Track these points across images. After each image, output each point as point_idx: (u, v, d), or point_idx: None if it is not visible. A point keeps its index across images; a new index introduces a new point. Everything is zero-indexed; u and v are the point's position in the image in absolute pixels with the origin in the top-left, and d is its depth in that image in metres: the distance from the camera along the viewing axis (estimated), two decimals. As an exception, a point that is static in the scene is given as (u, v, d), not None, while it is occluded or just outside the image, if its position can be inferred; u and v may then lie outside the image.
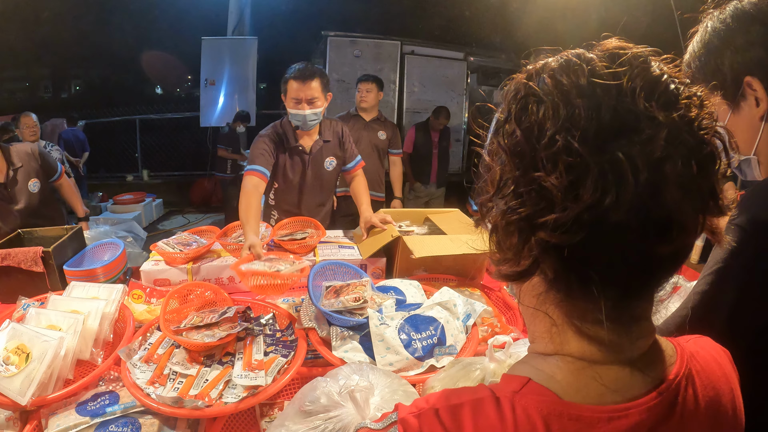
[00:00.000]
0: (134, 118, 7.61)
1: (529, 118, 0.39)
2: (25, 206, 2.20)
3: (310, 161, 2.08)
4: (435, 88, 5.17)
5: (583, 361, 0.42)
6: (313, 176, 2.11)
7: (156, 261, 1.67)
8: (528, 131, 0.39)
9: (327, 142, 2.10)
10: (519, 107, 0.41)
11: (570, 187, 0.36)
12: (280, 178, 2.10)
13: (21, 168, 2.19)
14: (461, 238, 1.63)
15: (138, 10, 8.83)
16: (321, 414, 0.80)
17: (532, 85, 0.41)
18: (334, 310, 1.20)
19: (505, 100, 0.43)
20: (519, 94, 0.41)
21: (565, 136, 0.36)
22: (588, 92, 0.38)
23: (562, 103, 0.38)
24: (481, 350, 1.17)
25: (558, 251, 0.38)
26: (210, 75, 6.76)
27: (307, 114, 1.90)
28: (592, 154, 0.36)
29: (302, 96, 1.87)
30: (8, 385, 0.97)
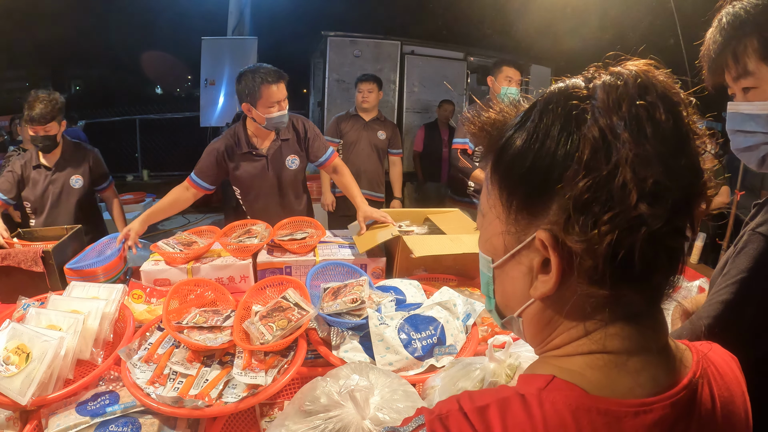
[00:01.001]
0: (134, 118, 7.61)
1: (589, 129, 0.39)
2: (63, 198, 2.27)
3: (269, 163, 2.04)
4: (435, 88, 5.17)
5: (612, 355, 0.42)
6: (275, 177, 2.07)
7: (156, 261, 1.67)
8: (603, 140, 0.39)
9: (285, 140, 2.06)
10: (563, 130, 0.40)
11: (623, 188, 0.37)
12: (243, 186, 2.09)
13: (71, 161, 2.29)
14: (461, 238, 1.63)
15: (138, 10, 8.84)
16: (321, 414, 0.80)
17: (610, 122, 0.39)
18: (332, 312, 1.20)
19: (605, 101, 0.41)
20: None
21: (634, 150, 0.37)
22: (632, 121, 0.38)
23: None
24: (481, 350, 1.17)
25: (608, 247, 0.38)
26: (210, 75, 6.75)
27: (285, 114, 1.93)
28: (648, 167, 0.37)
29: (281, 97, 1.89)
30: (8, 385, 0.97)
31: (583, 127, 0.38)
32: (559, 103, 0.41)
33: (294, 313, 1.15)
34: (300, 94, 8.60)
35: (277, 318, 1.13)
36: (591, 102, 0.39)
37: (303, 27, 7.20)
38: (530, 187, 0.42)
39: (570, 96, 0.40)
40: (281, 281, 1.38)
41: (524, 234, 0.43)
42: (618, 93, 0.38)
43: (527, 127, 0.42)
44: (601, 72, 0.42)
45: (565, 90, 0.42)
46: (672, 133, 0.38)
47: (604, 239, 0.37)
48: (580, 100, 0.39)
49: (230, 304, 1.34)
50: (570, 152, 0.38)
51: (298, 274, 1.69)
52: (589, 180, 0.37)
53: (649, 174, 0.37)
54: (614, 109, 0.38)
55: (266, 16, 7.54)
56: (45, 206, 2.27)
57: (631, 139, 0.37)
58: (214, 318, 1.19)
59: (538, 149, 0.40)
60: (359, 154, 3.16)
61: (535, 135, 0.41)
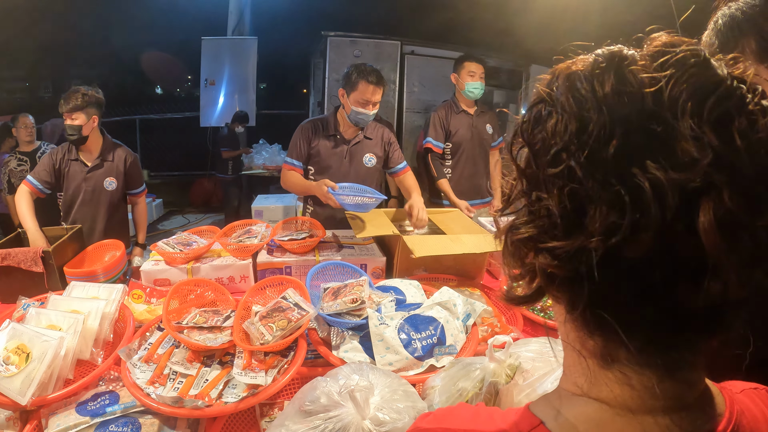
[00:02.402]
0: (134, 118, 7.61)
1: (539, 132, 0.35)
2: (95, 198, 2.28)
3: (349, 152, 2.16)
4: (435, 88, 5.16)
5: (614, 409, 0.36)
6: (352, 166, 2.17)
7: (156, 261, 1.67)
8: (536, 146, 0.35)
9: (368, 138, 2.19)
10: (532, 117, 0.37)
11: (573, 214, 0.32)
12: (319, 164, 2.17)
13: (109, 162, 2.29)
14: (461, 238, 1.63)
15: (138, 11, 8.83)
16: (321, 414, 0.80)
17: (547, 91, 0.36)
18: (332, 312, 1.20)
19: (528, 105, 0.39)
20: (534, 102, 0.37)
21: (568, 156, 0.32)
22: (610, 103, 0.32)
23: (573, 117, 0.33)
24: (481, 350, 1.17)
25: (569, 282, 0.34)
26: (210, 75, 6.76)
27: (370, 114, 2.06)
28: (601, 180, 0.31)
29: (373, 99, 2.03)
30: (8, 385, 0.97)
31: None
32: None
33: (294, 313, 1.15)
34: (300, 94, 8.60)
35: (277, 318, 1.13)
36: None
37: (303, 27, 7.19)
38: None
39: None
40: (281, 281, 1.38)
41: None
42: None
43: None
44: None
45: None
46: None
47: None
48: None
49: (230, 304, 1.34)
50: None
51: (298, 274, 1.69)
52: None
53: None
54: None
55: (266, 16, 7.54)
56: (75, 203, 2.28)
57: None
58: (214, 318, 1.19)
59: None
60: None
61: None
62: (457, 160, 2.86)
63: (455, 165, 2.87)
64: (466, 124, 2.82)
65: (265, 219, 4.30)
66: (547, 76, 0.38)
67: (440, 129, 2.81)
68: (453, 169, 2.87)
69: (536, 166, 0.35)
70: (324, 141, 2.15)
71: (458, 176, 2.85)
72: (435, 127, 2.81)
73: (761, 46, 0.71)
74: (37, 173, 2.18)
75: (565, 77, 0.35)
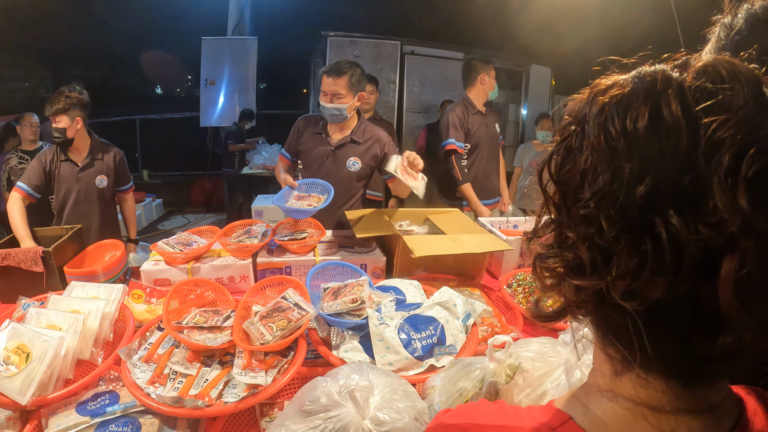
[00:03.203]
0: (134, 118, 7.61)
1: (569, 167, 0.35)
2: (88, 197, 2.33)
3: (333, 153, 2.13)
4: (435, 88, 5.16)
5: (640, 407, 0.36)
6: (334, 168, 2.13)
7: (156, 261, 1.67)
8: (565, 182, 0.35)
9: (356, 143, 2.12)
10: (563, 149, 0.36)
11: (598, 256, 0.32)
12: (304, 161, 2.19)
13: (98, 160, 2.33)
14: (461, 238, 1.63)
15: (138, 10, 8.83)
16: (321, 413, 0.80)
17: (579, 120, 0.35)
18: (332, 312, 1.20)
19: (559, 125, 0.38)
20: (566, 132, 0.36)
21: (596, 207, 0.32)
22: (642, 145, 0.30)
23: (605, 163, 0.31)
24: (481, 350, 1.17)
25: (589, 312, 0.35)
26: (210, 75, 6.76)
27: (329, 108, 2.01)
28: (627, 226, 0.30)
29: (331, 90, 1.98)
30: (8, 385, 0.97)
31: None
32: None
33: (294, 313, 1.15)
34: (300, 94, 8.60)
35: (277, 318, 1.13)
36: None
37: (303, 27, 7.18)
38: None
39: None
40: (281, 281, 1.38)
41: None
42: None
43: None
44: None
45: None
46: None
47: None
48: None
49: (230, 304, 1.34)
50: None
51: (298, 274, 1.69)
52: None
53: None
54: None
55: (266, 16, 7.53)
56: (68, 203, 2.30)
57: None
58: (214, 318, 1.19)
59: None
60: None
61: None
62: (473, 160, 2.87)
63: (471, 165, 2.88)
64: (481, 124, 2.84)
65: (265, 219, 4.30)
66: (582, 96, 0.37)
67: (461, 129, 2.80)
68: (469, 169, 2.88)
69: (565, 206, 0.35)
70: (312, 138, 2.15)
71: (473, 176, 2.86)
72: (456, 127, 2.79)
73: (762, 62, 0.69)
74: (28, 178, 2.18)
75: (598, 109, 0.33)
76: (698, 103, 0.30)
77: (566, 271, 0.35)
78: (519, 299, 1.56)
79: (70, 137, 2.18)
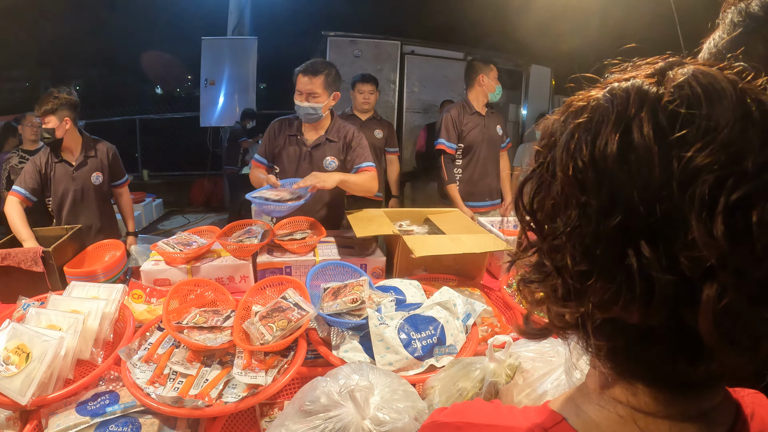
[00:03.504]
0: (134, 118, 7.62)
1: (541, 196, 0.35)
2: (85, 195, 2.33)
3: (309, 154, 2.11)
4: (435, 88, 5.16)
5: (632, 411, 0.36)
6: (311, 169, 2.09)
7: (156, 261, 1.67)
8: (538, 211, 0.36)
9: (331, 141, 2.12)
10: (536, 177, 0.37)
11: (576, 285, 0.33)
12: (280, 164, 2.16)
13: (92, 158, 2.34)
14: (461, 238, 1.63)
15: (138, 10, 8.83)
16: (321, 413, 0.80)
17: (545, 153, 0.36)
18: (332, 312, 1.20)
19: (565, 120, 0.35)
20: (539, 157, 0.37)
21: (568, 240, 0.32)
22: (612, 176, 0.29)
23: (574, 200, 0.31)
24: (481, 350, 1.17)
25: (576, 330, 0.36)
26: (210, 75, 6.76)
27: (304, 107, 1.98)
28: (600, 257, 0.31)
29: (306, 89, 1.96)
30: (8, 385, 0.97)
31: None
32: None
33: (294, 313, 1.15)
34: (300, 94, 8.58)
35: (277, 318, 1.13)
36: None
37: (303, 27, 7.19)
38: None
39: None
40: (281, 281, 1.38)
41: None
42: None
43: None
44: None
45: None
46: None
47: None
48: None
49: (230, 304, 1.34)
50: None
51: (298, 274, 1.69)
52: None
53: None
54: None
55: (266, 16, 7.54)
56: (66, 204, 2.30)
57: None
58: (214, 318, 1.19)
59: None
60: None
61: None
62: (468, 160, 2.87)
63: (466, 165, 2.87)
64: (478, 125, 2.83)
65: (266, 219, 4.30)
66: (555, 116, 0.36)
67: (453, 130, 2.80)
68: (464, 170, 2.87)
69: (540, 234, 0.35)
70: (286, 141, 2.12)
71: (468, 177, 2.86)
72: (447, 128, 2.80)
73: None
74: (23, 181, 2.17)
75: (568, 135, 0.33)
76: (673, 126, 0.28)
77: (547, 296, 0.36)
78: (519, 299, 1.56)
79: (59, 137, 2.18)
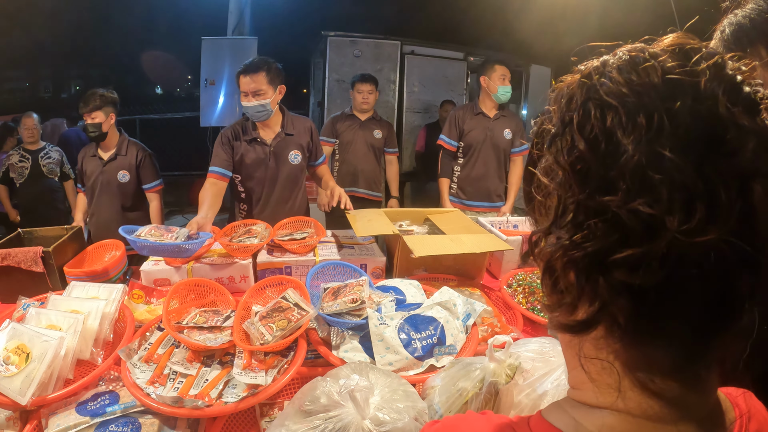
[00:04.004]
0: (134, 118, 7.62)
1: (593, 128, 0.32)
2: (109, 189, 2.54)
3: (271, 153, 2.13)
4: (435, 88, 5.16)
5: (642, 420, 0.35)
6: (278, 167, 2.15)
7: (156, 261, 1.67)
8: (593, 144, 0.32)
9: (290, 135, 2.15)
10: (581, 115, 0.33)
11: (653, 213, 0.30)
12: (243, 172, 2.17)
13: (122, 156, 2.54)
14: (461, 238, 1.63)
15: (138, 10, 8.83)
16: (321, 414, 0.80)
17: (594, 86, 0.34)
18: (332, 312, 1.20)
19: (557, 108, 0.36)
20: (576, 99, 0.34)
21: (649, 147, 0.30)
22: (665, 94, 0.31)
23: (638, 107, 0.31)
24: (481, 350, 1.17)
25: (632, 294, 0.31)
26: (210, 75, 6.75)
27: (252, 105, 2.00)
28: (684, 170, 0.29)
29: (249, 88, 1.99)
30: (8, 385, 0.97)
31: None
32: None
33: (294, 313, 1.15)
34: (300, 94, 8.60)
35: (277, 318, 1.13)
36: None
37: (303, 27, 7.19)
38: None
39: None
40: (281, 281, 1.38)
41: None
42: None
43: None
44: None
45: None
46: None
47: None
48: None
49: (230, 304, 1.34)
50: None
51: (298, 274, 1.69)
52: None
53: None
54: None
55: (266, 16, 7.53)
56: (93, 195, 2.55)
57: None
58: (214, 318, 1.19)
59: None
60: (356, 153, 3.17)
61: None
62: (467, 159, 2.90)
63: (465, 164, 2.91)
64: (481, 126, 2.85)
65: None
66: (573, 77, 0.37)
67: (455, 128, 2.88)
68: (462, 168, 2.92)
69: (600, 166, 0.32)
70: (245, 145, 2.10)
71: (466, 175, 2.89)
72: (450, 125, 2.90)
73: None
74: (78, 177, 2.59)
75: (614, 71, 0.34)
76: (687, 64, 0.32)
77: (609, 247, 0.32)
78: (519, 299, 1.56)
79: (104, 131, 2.45)
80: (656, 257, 0.30)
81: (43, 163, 3.57)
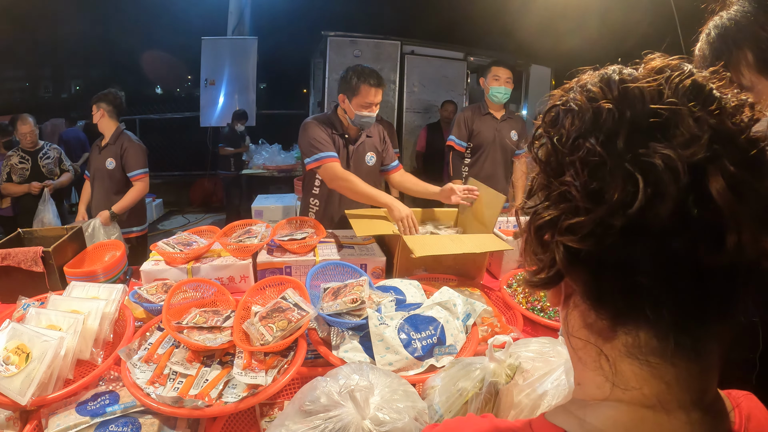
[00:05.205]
0: (134, 118, 7.61)
1: (558, 129, 0.40)
2: (100, 175, 2.84)
3: (354, 152, 2.17)
4: (435, 88, 5.17)
5: (644, 408, 0.37)
6: (355, 167, 2.17)
7: (156, 261, 1.67)
8: (557, 140, 0.39)
9: (369, 137, 2.21)
10: (550, 119, 0.42)
11: (594, 189, 0.35)
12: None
13: (112, 146, 2.83)
14: (461, 238, 1.63)
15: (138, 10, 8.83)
16: (321, 414, 0.80)
17: (564, 97, 0.42)
18: (332, 312, 1.20)
19: (541, 115, 0.44)
20: (551, 107, 0.42)
21: (585, 140, 0.36)
22: (620, 97, 0.37)
23: (589, 109, 0.38)
24: (481, 350, 1.17)
25: (588, 260, 0.36)
26: (210, 75, 6.76)
27: (373, 116, 2.08)
28: (617, 155, 0.35)
29: (375, 101, 2.04)
30: (8, 385, 0.97)
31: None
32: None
33: (294, 313, 1.15)
34: (300, 94, 8.60)
35: (277, 319, 1.13)
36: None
37: (303, 27, 7.19)
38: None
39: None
40: (281, 281, 1.38)
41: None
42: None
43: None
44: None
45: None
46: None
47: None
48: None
49: (230, 304, 1.34)
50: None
51: (298, 274, 1.69)
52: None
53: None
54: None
55: (266, 16, 7.53)
56: (95, 180, 2.87)
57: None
58: (214, 318, 1.19)
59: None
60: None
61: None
62: (476, 160, 2.91)
63: (473, 164, 2.92)
64: (490, 127, 2.87)
65: (265, 219, 4.30)
66: (558, 92, 0.43)
67: (464, 128, 2.89)
68: (470, 168, 2.93)
69: (557, 154, 0.39)
70: (335, 139, 2.14)
71: (473, 176, 2.89)
72: (459, 126, 2.90)
73: (759, 57, 0.68)
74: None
75: (579, 85, 0.41)
76: (653, 75, 0.38)
77: (561, 215, 0.37)
78: (519, 299, 1.56)
79: (94, 123, 2.84)
80: (601, 226, 0.34)
81: (42, 164, 3.57)
